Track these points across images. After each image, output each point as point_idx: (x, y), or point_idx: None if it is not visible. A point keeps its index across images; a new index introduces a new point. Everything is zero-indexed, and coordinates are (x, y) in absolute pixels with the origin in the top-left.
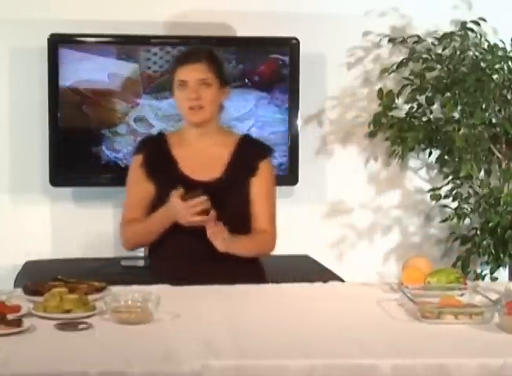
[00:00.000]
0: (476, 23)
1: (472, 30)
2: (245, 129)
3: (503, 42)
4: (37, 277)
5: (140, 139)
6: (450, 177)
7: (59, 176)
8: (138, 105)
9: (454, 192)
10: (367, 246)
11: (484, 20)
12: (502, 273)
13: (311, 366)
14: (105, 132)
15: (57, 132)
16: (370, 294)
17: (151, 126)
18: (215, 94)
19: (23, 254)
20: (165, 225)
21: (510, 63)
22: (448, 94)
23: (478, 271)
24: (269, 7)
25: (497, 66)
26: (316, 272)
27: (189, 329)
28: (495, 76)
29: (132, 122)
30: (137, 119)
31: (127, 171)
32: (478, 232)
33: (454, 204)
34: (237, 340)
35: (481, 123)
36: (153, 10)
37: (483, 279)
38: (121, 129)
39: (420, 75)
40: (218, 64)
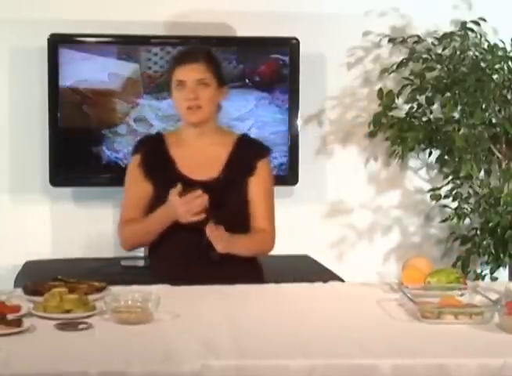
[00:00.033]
0: (476, 23)
1: (472, 30)
2: (245, 129)
3: (503, 42)
4: (37, 277)
5: (138, 139)
6: (450, 177)
7: (59, 176)
8: (138, 105)
9: (454, 192)
10: (367, 246)
11: (484, 20)
12: (502, 273)
13: (311, 366)
14: (105, 132)
15: (57, 132)
16: (370, 294)
17: (151, 126)
18: (213, 94)
19: (23, 254)
20: (164, 224)
21: (510, 63)
22: (448, 94)
23: (478, 271)
24: (269, 7)
25: (497, 66)
26: (316, 272)
27: (189, 329)
28: (495, 76)
29: (132, 122)
30: (137, 119)
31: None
32: (478, 232)
33: (454, 204)
34: (237, 340)
35: (481, 123)
36: (153, 10)
37: (483, 279)
38: (121, 129)
39: (420, 75)
40: (216, 64)
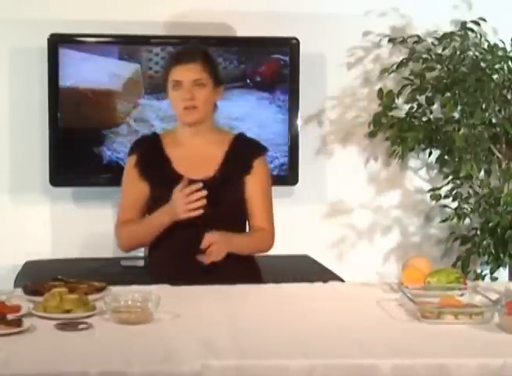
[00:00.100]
0: (476, 23)
1: (472, 30)
2: (245, 129)
3: (503, 42)
4: (37, 277)
5: (134, 140)
6: (450, 177)
7: (59, 176)
8: (139, 105)
9: (454, 192)
10: (367, 246)
11: (484, 20)
12: (502, 273)
13: (311, 366)
14: (106, 133)
15: (57, 132)
16: (370, 294)
17: (152, 126)
18: (209, 94)
19: (23, 254)
20: (163, 225)
21: (510, 63)
22: (448, 94)
23: (478, 271)
24: (269, 7)
25: (497, 66)
26: (316, 272)
27: (189, 329)
28: (495, 76)
29: (133, 122)
30: (138, 119)
31: None
32: (478, 232)
33: (454, 204)
34: (237, 340)
35: (481, 123)
36: (153, 10)
37: (483, 279)
38: (122, 130)
39: (420, 75)
40: (213, 64)
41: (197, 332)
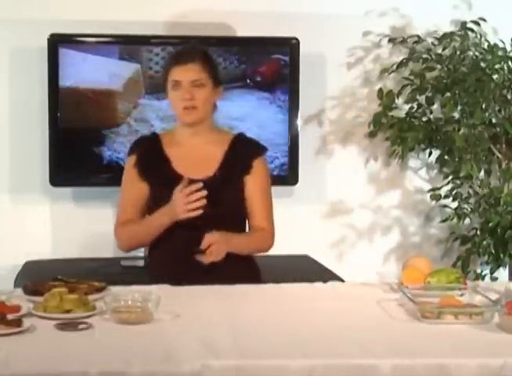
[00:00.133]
0: (476, 23)
1: (472, 30)
2: (245, 129)
3: (503, 42)
4: (37, 277)
5: (134, 140)
6: (450, 177)
7: (59, 176)
8: (139, 105)
9: (454, 192)
10: (367, 246)
11: (484, 20)
12: (502, 273)
13: (311, 366)
14: (106, 133)
15: (57, 132)
16: (370, 294)
17: (152, 126)
18: (209, 94)
19: (23, 254)
20: (162, 226)
21: (510, 63)
22: (448, 94)
23: (478, 271)
24: (269, 7)
25: (497, 66)
26: (316, 272)
27: (189, 329)
28: (495, 76)
29: (133, 122)
30: (138, 119)
31: None
32: (478, 232)
33: (454, 204)
34: (237, 340)
35: (481, 123)
36: (153, 10)
37: (483, 279)
38: (123, 130)
39: (420, 75)
40: (212, 64)
41: (197, 332)
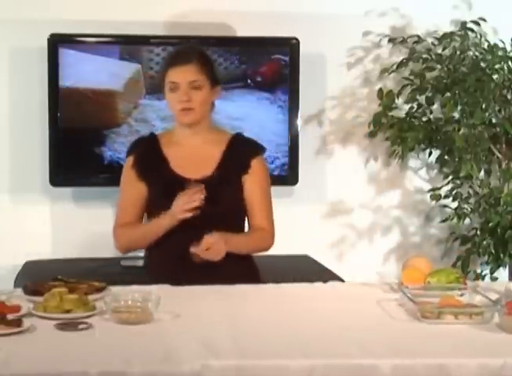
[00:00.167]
0: (476, 23)
1: (472, 30)
2: (246, 129)
3: (503, 42)
4: (37, 277)
5: (132, 141)
6: (450, 177)
7: (59, 176)
8: (140, 105)
9: (454, 192)
10: (367, 246)
11: (484, 20)
12: (502, 273)
13: (311, 366)
14: (106, 133)
15: (57, 132)
16: (370, 294)
17: (153, 127)
18: (206, 95)
19: (23, 254)
20: (161, 225)
21: (510, 63)
22: (448, 94)
23: (478, 271)
24: (269, 7)
25: (497, 66)
26: (316, 272)
27: (189, 329)
28: (495, 76)
29: (134, 122)
30: (138, 119)
31: None
32: (478, 232)
33: (454, 204)
34: (237, 340)
35: (481, 123)
36: (153, 10)
37: (483, 279)
38: (123, 130)
39: (420, 75)
40: (209, 64)
41: (197, 332)
